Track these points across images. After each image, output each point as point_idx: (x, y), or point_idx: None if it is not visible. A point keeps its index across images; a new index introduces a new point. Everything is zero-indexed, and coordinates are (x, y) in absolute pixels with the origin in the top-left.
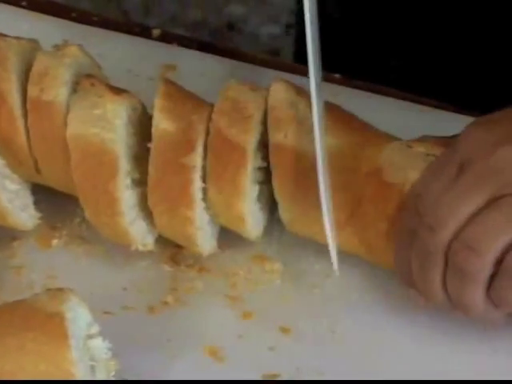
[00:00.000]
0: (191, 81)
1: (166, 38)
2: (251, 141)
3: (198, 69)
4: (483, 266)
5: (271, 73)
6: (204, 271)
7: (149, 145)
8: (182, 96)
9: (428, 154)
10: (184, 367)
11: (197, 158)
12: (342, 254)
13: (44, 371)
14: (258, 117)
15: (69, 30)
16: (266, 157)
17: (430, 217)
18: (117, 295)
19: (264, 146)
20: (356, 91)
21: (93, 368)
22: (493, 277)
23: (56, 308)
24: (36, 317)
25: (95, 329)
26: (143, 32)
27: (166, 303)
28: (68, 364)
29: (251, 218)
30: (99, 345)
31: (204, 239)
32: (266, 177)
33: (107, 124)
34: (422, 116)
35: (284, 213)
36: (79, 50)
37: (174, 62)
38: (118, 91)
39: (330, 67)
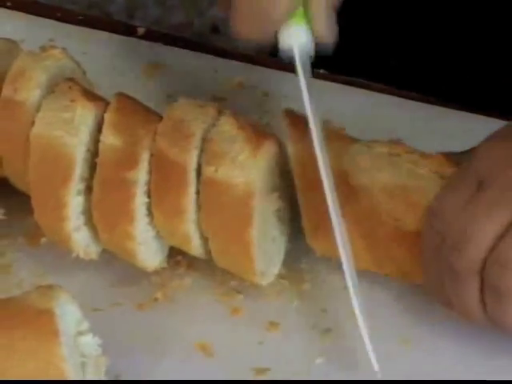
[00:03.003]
0: (176, 79)
1: (151, 36)
2: (192, 160)
3: (184, 67)
4: None
5: (258, 70)
6: (192, 268)
7: (96, 160)
8: (134, 110)
9: (394, 154)
10: (174, 363)
11: (139, 173)
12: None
13: (34, 368)
14: (200, 135)
15: (54, 30)
16: None
17: (453, 236)
18: (106, 292)
19: None
20: (340, 86)
21: (83, 364)
22: None
23: (46, 305)
24: (26, 314)
25: (85, 325)
26: (128, 31)
27: (155, 300)
28: (58, 361)
29: (199, 239)
30: (89, 341)
31: (147, 255)
32: None
33: (72, 129)
34: (406, 111)
35: (212, 246)
36: (63, 53)
37: (160, 61)
38: (91, 97)
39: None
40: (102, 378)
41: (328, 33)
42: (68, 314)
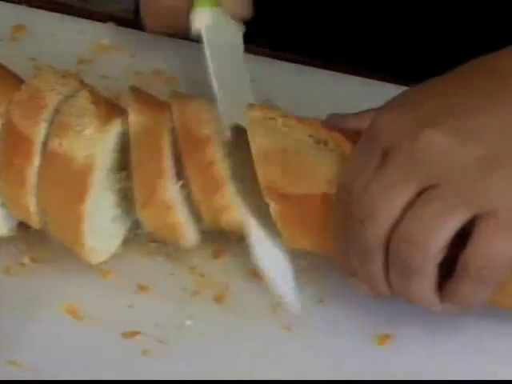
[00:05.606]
0: (41, 41)
1: None
2: (40, 133)
3: (48, 29)
4: (427, 260)
5: (124, 31)
6: None
7: None
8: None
9: (269, 118)
10: (42, 326)
11: None
12: None
13: None
14: (52, 107)
15: None
16: None
17: (359, 210)
18: None
19: None
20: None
21: None
22: (441, 266)
23: None
24: None
25: None
26: None
27: (22, 264)
28: None
29: (37, 213)
30: None
31: None
32: None
33: None
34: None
35: (47, 218)
36: None
37: (24, 23)
38: None
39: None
40: None
41: (239, 8)
42: None
